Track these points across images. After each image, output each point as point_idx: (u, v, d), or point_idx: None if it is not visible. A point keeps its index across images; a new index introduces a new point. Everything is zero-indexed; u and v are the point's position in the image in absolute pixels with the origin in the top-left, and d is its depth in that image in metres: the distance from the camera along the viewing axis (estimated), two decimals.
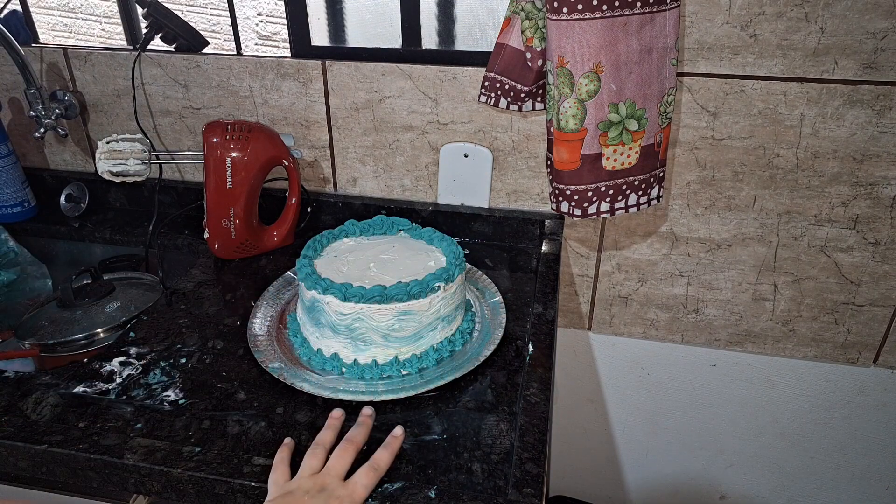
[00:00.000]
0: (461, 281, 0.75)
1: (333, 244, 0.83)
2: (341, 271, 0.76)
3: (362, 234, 0.85)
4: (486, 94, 0.87)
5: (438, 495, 0.57)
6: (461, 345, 0.76)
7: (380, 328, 0.70)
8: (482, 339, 0.77)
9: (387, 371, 0.71)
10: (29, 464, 0.63)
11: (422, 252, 0.81)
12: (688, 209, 0.97)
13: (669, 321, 1.07)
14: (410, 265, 0.77)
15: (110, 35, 1.12)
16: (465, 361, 0.73)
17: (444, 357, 0.74)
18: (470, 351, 0.75)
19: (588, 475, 1.31)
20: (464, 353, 0.75)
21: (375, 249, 0.81)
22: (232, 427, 0.66)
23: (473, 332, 0.79)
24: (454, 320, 0.76)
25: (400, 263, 0.78)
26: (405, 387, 0.69)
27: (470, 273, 0.90)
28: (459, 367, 0.71)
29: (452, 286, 0.73)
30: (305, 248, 0.79)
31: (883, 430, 1.10)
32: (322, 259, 0.79)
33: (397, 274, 0.75)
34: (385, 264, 0.78)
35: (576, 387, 1.19)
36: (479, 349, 0.75)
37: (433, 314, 0.72)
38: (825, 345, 1.03)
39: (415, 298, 0.69)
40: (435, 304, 0.71)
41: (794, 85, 0.85)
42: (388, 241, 0.84)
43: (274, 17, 1.03)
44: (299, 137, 1.03)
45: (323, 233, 0.83)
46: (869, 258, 0.95)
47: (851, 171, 0.89)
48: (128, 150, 0.93)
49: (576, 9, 0.71)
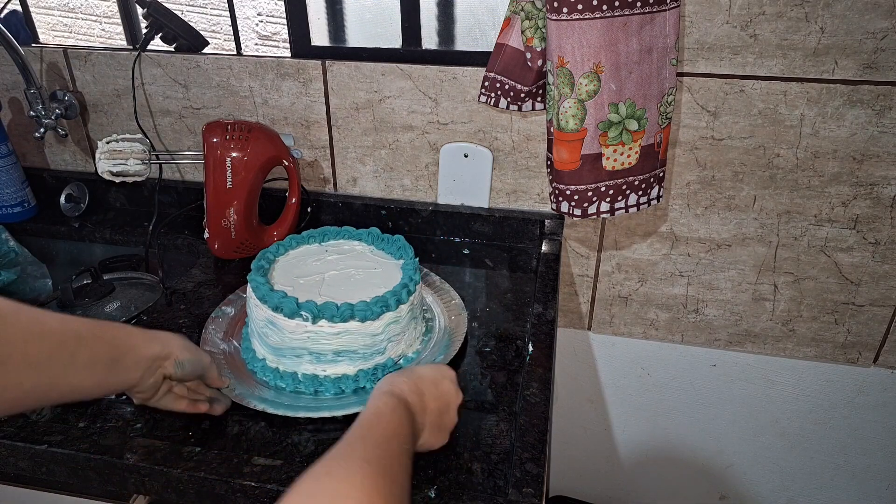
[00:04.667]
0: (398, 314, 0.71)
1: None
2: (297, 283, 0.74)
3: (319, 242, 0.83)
4: (486, 94, 0.87)
5: (438, 495, 0.57)
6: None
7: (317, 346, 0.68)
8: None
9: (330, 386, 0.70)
10: (29, 464, 0.63)
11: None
12: (688, 209, 0.97)
13: (669, 321, 1.07)
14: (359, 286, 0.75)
15: (110, 35, 1.12)
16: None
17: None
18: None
19: (588, 475, 1.31)
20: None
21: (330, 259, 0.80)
22: (232, 427, 0.65)
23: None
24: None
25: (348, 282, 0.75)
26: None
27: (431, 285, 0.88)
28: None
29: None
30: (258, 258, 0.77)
31: (883, 430, 1.10)
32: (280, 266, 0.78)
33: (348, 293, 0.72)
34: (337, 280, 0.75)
35: (576, 387, 1.19)
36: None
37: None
38: (825, 345, 1.03)
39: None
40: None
41: (794, 85, 0.85)
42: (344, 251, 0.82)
43: (274, 17, 1.03)
44: (299, 137, 1.03)
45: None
46: (869, 258, 0.95)
47: (851, 171, 0.89)
48: (128, 150, 0.93)
49: (576, 9, 0.71)
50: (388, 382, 0.55)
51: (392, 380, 0.56)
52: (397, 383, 0.55)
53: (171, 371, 0.60)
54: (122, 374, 0.56)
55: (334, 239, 0.84)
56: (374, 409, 0.51)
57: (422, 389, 0.56)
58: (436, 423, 0.57)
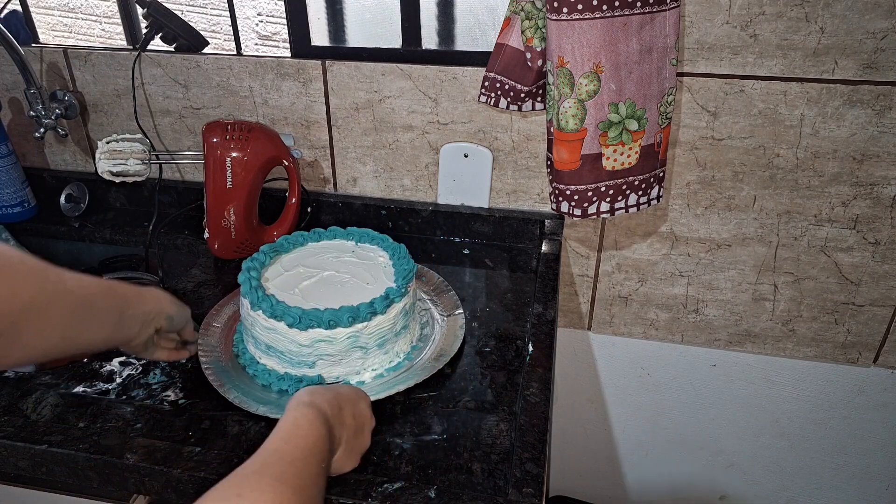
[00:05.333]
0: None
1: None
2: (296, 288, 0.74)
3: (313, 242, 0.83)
4: (486, 94, 0.87)
5: (438, 495, 0.57)
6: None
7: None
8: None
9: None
10: (29, 464, 0.63)
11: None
12: (688, 209, 0.97)
13: (669, 321, 1.07)
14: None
15: (110, 35, 1.12)
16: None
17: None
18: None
19: (588, 475, 1.31)
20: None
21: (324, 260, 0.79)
22: (232, 427, 0.65)
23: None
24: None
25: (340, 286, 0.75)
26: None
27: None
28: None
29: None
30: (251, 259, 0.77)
31: (883, 430, 1.10)
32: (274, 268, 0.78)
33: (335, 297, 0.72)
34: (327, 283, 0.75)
35: (576, 387, 1.19)
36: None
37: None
38: (825, 345, 1.03)
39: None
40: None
41: (794, 85, 0.85)
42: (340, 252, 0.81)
43: (274, 17, 1.03)
44: (299, 137, 1.03)
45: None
46: (869, 258, 0.95)
47: (851, 171, 0.89)
48: (128, 150, 0.93)
49: (576, 9, 0.71)
50: (308, 393, 0.54)
51: (311, 391, 0.55)
52: (317, 394, 0.54)
53: (163, 324, 0.64)
54: (125, 329, 0.60)
55: (328, 239, 0.84)
56: (292, 420, 0.50)
57: (341, 404, 0.55)
58: (350, 444, 0.56)
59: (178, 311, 0.67)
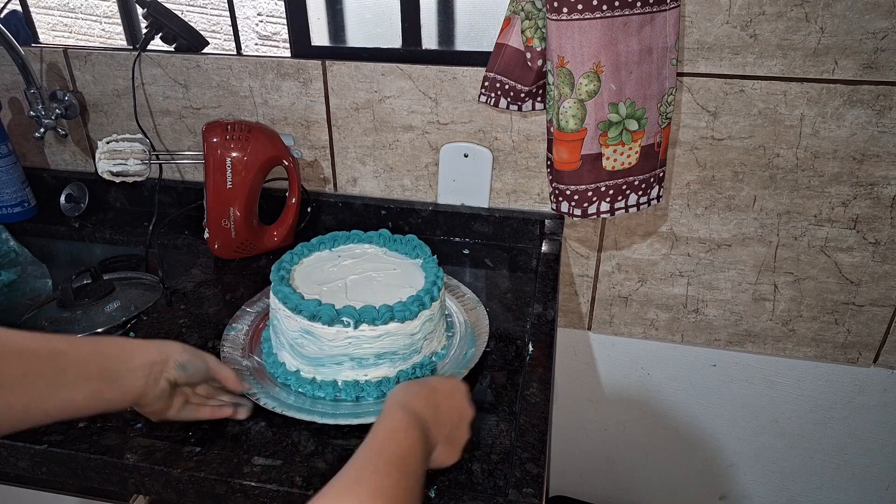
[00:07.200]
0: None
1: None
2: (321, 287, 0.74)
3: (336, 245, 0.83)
4: (486, 94, 0.87)
5: (438, 495, 0.57)
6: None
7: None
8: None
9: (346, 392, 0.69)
10: (29, 464, 0.63)
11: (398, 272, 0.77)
12: (688, 209, 0.97)
13: (669, 321, 1.07)
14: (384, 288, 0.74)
15: (110, 35, 1.12)
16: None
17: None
18: None
19: (588, 475, 1.31)
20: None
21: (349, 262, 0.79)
22: (232, 427, 0.66)
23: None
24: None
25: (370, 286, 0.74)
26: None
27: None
28: None
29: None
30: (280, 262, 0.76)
31: (883, 430, 1.10)
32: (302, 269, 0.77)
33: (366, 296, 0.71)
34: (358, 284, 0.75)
35: (576, 387, 1.19)
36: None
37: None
38: (825, 345, 1.03)
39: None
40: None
41: (794, 85, 0.85)
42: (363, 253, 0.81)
43: (274, 17, 1.03)
44: (299, 137, 1.03)
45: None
46: (869, 258, 0.95)
47: (851, 171, 0.89)
48: (128, 150, 0.93)
49: (576, 9, 0.71)
50: (403, 394, 0.53)
51: (406, 391, 0.54)
52: (411, 395, 0.53)
53: (174, 374, 0.59)
54: (123, 384, 0.55)
55: (344, 244, 0.82)
56: (389, 426, 0.49)
57: (437, 402, 0.54)
58: (448, 439, 0.55)
59: (192, 359, 0.60)
